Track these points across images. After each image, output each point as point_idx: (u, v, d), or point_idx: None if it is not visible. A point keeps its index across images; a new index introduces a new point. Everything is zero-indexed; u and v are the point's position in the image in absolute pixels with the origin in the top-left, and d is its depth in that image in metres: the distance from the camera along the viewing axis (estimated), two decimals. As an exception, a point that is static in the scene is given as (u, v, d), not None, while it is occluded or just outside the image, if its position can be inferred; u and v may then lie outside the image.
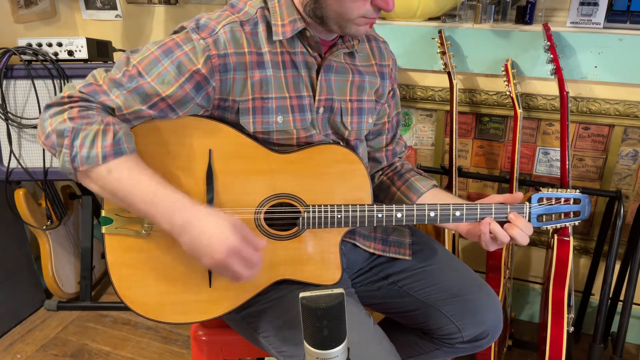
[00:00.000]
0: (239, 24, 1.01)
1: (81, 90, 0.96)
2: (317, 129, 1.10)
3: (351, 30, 1.02)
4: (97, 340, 1.99)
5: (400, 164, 1.30)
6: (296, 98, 1.06)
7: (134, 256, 1.04)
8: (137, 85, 0.96)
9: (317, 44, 1.06)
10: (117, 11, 2.26)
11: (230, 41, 0.99)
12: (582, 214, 1.08)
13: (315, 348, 0.62)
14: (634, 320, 1.90)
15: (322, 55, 1.08)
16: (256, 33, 1.02)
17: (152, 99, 0.97)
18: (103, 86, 0.97)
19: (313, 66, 1.07)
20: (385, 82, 1.20)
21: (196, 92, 0.99)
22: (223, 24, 1.00)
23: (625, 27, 1.58)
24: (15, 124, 1.80)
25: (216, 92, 1.01)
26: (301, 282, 1.10)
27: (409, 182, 1.23)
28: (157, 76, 0.97)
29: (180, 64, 0.97)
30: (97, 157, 0.91)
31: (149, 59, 0.98)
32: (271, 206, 1.06)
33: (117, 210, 1.03)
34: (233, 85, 1.01)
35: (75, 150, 0.91)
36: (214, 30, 0.99)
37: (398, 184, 1.24)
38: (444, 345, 1.21)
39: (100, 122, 0.93)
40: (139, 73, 0.97)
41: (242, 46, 1.01)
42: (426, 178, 1.24)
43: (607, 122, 1.69)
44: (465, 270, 1.24)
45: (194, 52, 0.98)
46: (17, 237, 2.09)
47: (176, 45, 0.99)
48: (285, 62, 1.04)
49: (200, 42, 0.98)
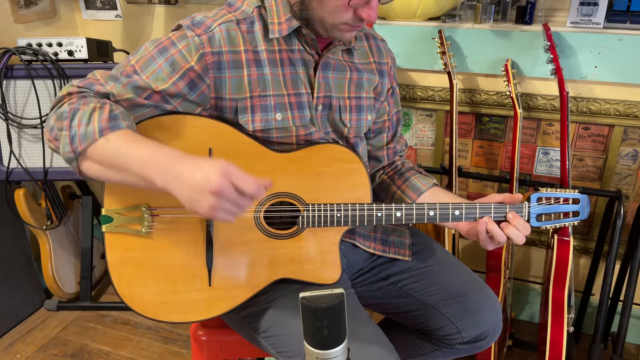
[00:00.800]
0: (235, 23, 1.02)
1: (78, 84, 0.99)
2: (316, 126, 1.10)
3: (336, 35, 1.03)
4: (97, 340, 1.99)
5: (400, 162, 1.30)
6: (294, 95, 1.06)
7: (134, 255, 1.05)
8: (131, 80, 0.98)
9: (314, 42, 1.06)
10: (117, 11, 2.26)
11: (226, 39, 1.00)
12: (581, 214, 1.08)
13: (315, 348, 0.62)
14: (634, 320, 1.89)
15: (319, 53, 1.09)
16: (252, 31, 1.03)
17: (146, 91, 0.99)
18: (100, 79, 0.99)
19: (310, 63, 1.08)
20: (384, 80, 1.20)
21: (190, 90, 1.00)
22: (219, 22, 1.01)
23: (625, 27, 1.58)
24: (15, 124, 1.80)
25: (211, 90, 1.02)
26: (301, 281, 1.10)
27: (409, 181, 1.23)
28: (151, 74, 0.98)
29: (174, 62, 0.98)
30: (94, 132, 0.91)
31: (145, 57, 1.00)
32: (271, 205, 1.06)
33: (118, 209, 1.03)
34: (229, 83, 1.02)
35: (74, 130, 0.92)
36: (210, 28, 1.00)
37: (398, 183, 1.24)
38: (444, 345, 1.21)
39: (97, 102, 0.94)
40: (134, 71, 0.99)
41: (237, 44, 1.01)
42: (426, 177, 1.25)
43: (607, 122, 1.69)
44: (465, 271, 1.24)
45: (187, 49, 0.99)
46: (17, 237, 2.09)
47: (171, 43, 1.00)
48: (282, 60, 1.05)
49: (195, 38, 0.99)
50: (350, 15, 0.98)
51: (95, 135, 0.91)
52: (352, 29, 1.02)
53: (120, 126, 0.93)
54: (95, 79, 1.00)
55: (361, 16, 0.98)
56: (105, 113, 0.92)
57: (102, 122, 0.91)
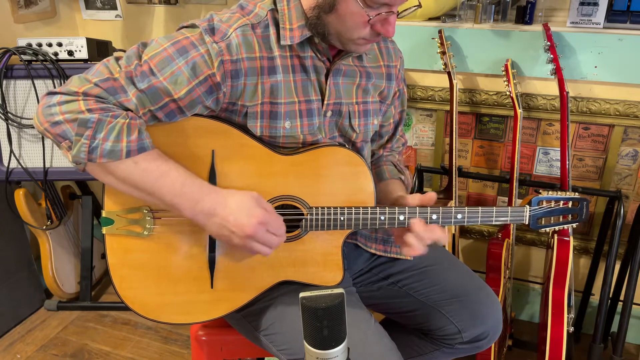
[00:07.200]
0: (250, 27, 0.99)
1: (98, 84, 0.92)
2: (323, 132, 1.09)
3: (351, 48, 1.02)
4: (97, 340, 1.99)
5: (386, 153, 1.30)
6: (305, 102, 1.05)
7: (135, 257, 1.04)
8: (149, 85, 0.94)
9: (326, 49, 1.05)
10: (117, 11, 2.26)
11: (242, 45, 0.97)
12: (580, 216, 1.09)
13: (315, 348, 0.62)
14: (634, 320, 1.90)
15: (330, 60, 1.07)
16: (267, 36, 1.01)
17: (163, 99, 0.95)
18: (120, 80, 0.93)
19: (322, 70, 1.06)
20: (391, 84, 1.19)
21: (207, 96, 0.98)
22: (234, 27, 0.98)
23: (625, 27, 1.58)
24: (15, 124, 1.80)
25: (226, 97, 1.00)
26: (303, 283, 1.10)
27: (380, 169, 1.25)
28: (170, 75, 0.94)
29: (196, 66, 0.95)
30: (122, 151, 0.91)
31: (161, 55, 0.94)
32: (274, 208, 1.06)
33: (118, 211, 1.03)
34: (244, 90, 1.00)
35: (97, 142, 0.90)
36: (226, 35, 0.97)
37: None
38: (444, 345, 1.21)
39: (126, 116, 0.92)
40: (150, 70, 0.94)
41: (254, 50, 0.99)
42: (400, 171, 1.25)
43: (607, 122, 1.69)
44: (465, 271, 1.24)
45: (208, 54, 0.95)
46: (17, 237, 2.08)
47: (191, 45, 0.96)
48: (294, 66, 1.03)
49: (214, 45, 0.95)
50: (368, 30, 0.97)
51: (121, 156, 0.91)
52: (368, 43, 1.01)
53: (146, 147, 0.94)
54: (115, 79, 0.93)
55: (379, 32, 0.97)
56: (134, 134, 0.92)
57: (132, 144, 0.91)
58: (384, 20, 0.96)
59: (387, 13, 0.95)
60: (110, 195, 1.03)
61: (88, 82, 0.93)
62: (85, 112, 0.90)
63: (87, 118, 0.90)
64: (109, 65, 0.96)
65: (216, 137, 1.03)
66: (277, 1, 1.02)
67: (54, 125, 0.91)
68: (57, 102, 0.91)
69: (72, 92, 0.92)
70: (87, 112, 0.90)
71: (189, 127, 1.02)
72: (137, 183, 0.95)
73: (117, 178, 0.95)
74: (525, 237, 1.95)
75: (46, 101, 0.93)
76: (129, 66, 0.94)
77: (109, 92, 0.93)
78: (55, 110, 0.91)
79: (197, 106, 0.99)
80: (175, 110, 0.97)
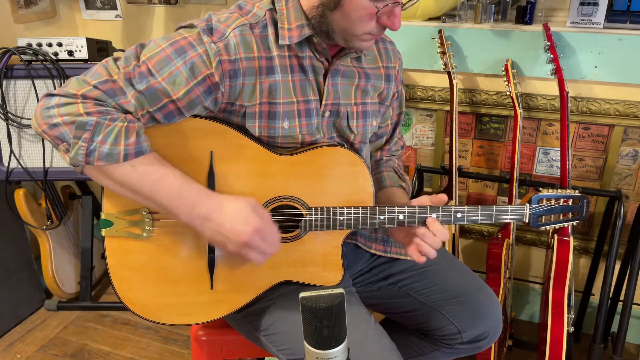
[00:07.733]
0: (248, 27, 0.99)
1: (97, 86, 0.92)
2: (321, 132, 1.09)
3: (355, 45, 1.02)
4: (97, 340, 1.99)
5: (386, 158, 1.29)
6: (303, 102, 1.05)
7: (135, 258, 1.04)
8: (147, 86, 0.93)
9: (325, 50, 1.05)
10: (117, 11, 2.26)
11: (241, 45, 0.97)
12: (581, 214, 1.08)
13: (315, 348, 0.62)
14: (634, 320, 1.90)
15: (329, 60, 1.07)
16: (266, 36, 1.01)
17: (162, 100, 0.95)
18: (119, 82, 0.93)
19: (320, 70, 1.06)
20: (390, 85, 1.19)
21: (206, 96, 0.98)
22: (232, 27, 0.98)
23: (625, 27, 1.58)
24: (15, 124, 1.80)
25: (224, 97, 1.00)
26: (302, 283, 1.10)
27: (380, 175, 1.24)
28: (168, 75, 0.94)
29: (194, 66, 0.95)
30: (119, 155, 0.91)
31: (159, 56, 0.94)
32: (273, 208, 1.06)
33: (117, 213, 1.03)
34: (242, 90, 1.00)
35: (95, 145, 0.90)
36: (224, 35, 0.97)
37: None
38: (444, 346, 1.21)
39: (124, 120, 0.92)
40: (149, 71, 0.94)
41: (252, 50, 0.99)
42: (400, 178, 1.25)
43: (607, 122, 1.69)
44: (465, 271, 1.24)
45: (207, 54, 0.95)
46: (17, 237, 2.09)
47: (189, 45, 0.95)
48: (293, 66, 1.03)
49: (212, 45, 0.95)
50: (373, 24, 0.98)
51: (119, 159, 0.91)
52: (373, 38, 1.01)
53: (144, 151, 0.94)
54: (113, 81, 0.93)
55: (385, 24, 0.98)
56: (132, 137, 0.92)
57: (129, 147, 0.91)
58: (390, 12, 0.97)
59: (393, 4, 0.95)
60: (109, 197, 1.03)
61: (87, 84, 0.93)
62: (83, 115, 0.90)
63: (85, 121, 0.90)
64: (107, 66, 0.95)
65: (214, 137, 1.03)
66: (276, 1, 1.02)
67: (52, 127, 0.91)
68: (56, 104, 0.91)
69: (70, 94, 0.92)
70: (86, 114, 0.90)
71: (187, 128, 1.01)
72: (135, 186, 0.95)
73: (114, 181, 0.95)
74: (525, 237, 1.95)
75: (44, 103, 0.93)
76: (127, 67, 0.94)
77: (108, 94, 0.93)
78: (53, 112, 0.91)
79: (196, 107, 0.98)
80: (174, 111, 0.97)
